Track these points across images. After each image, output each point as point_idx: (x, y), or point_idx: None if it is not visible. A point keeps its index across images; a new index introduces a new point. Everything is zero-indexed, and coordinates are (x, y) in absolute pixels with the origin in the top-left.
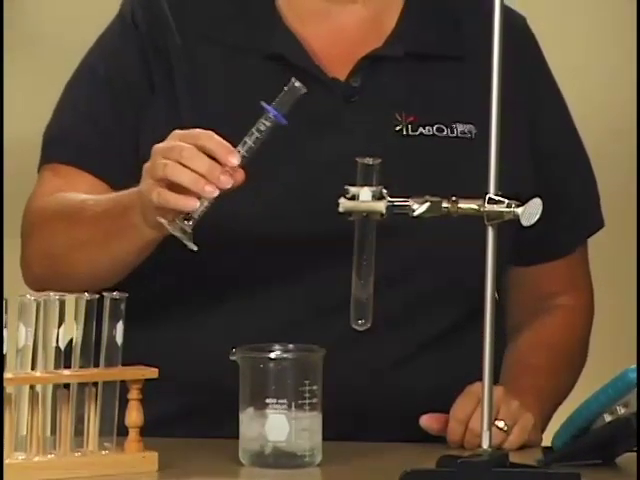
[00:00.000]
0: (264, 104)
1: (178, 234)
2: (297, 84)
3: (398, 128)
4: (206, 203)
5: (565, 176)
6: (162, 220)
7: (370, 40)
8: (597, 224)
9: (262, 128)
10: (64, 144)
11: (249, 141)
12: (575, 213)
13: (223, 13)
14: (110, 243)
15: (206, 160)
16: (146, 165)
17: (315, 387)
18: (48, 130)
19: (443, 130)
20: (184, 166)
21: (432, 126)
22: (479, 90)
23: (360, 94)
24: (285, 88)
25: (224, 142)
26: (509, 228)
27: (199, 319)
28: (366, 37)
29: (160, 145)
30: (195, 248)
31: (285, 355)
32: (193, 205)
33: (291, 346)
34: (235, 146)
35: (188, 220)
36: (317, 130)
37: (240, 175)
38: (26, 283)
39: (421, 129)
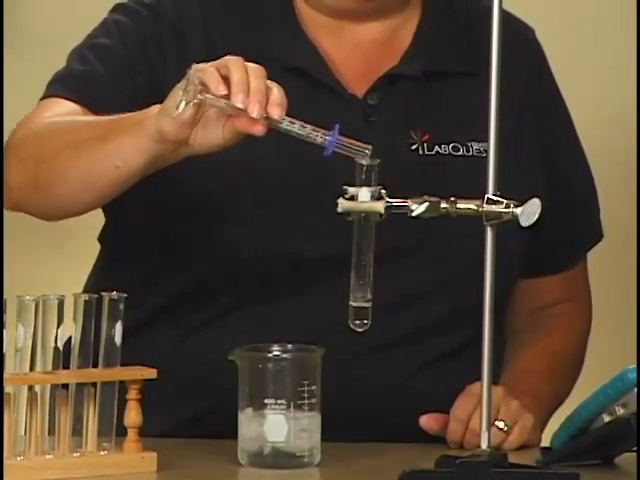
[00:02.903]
0: (337, 127)
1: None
2: (367, 151)
3: (414, 147)
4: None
5: (567, 193)
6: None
7: (387, 57)
8: (597, 237)
9: (310, 135)
10: (66, 81)
11: (294, 128)
12: (577, 228)
13: (248, 19)
14: (108, 142)
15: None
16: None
17: (314, 387)
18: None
19: (459, 149)
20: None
21: (448, 145)
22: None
23: (378, 112)
24: (358, 147)
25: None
26: (520, 243)
27: (201, 330)
28: (383, 54)
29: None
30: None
31: (284, 355)
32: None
33: (290, 346)
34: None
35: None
36: None
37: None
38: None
39: (437, 148)
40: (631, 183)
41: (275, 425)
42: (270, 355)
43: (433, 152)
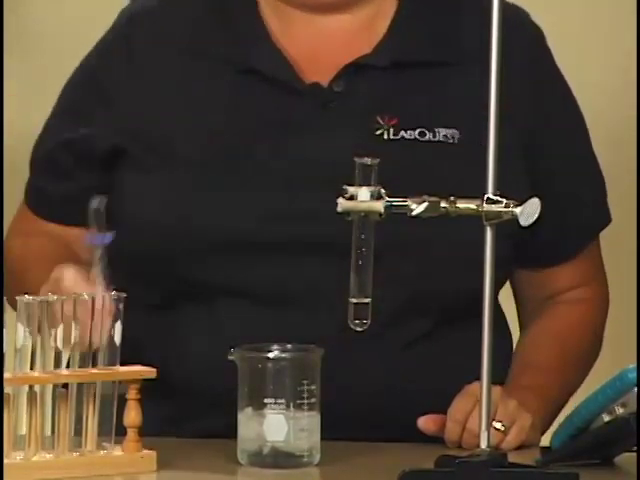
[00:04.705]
0: (90, 240)
1: None
2: (94, 205)
3: (379, 132)
4: None
5: (573, 179)
6: None
7: (360, 47)
8: (605, 221)
9: (98, 256)
10: (38, 199)
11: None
12: (584, 215)
13: (207, 26)
14: None
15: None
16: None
17: (313, 387)
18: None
19: (425, 134)
20: None
21: (414, 130)
22: (470, 94)
23: (340, 99)
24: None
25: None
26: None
27: (189, 324)
28: (355, 44)
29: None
30: None
31: (283, 355)
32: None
33: (289, 346)
34: None
35: None
36: (294, 136)
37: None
38: None
39: (402, 133)
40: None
41: (275, 425)
42: (270, 355)
43: (399, 137)
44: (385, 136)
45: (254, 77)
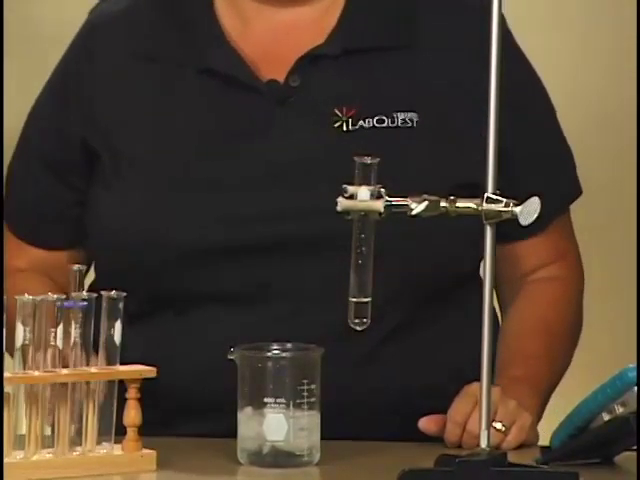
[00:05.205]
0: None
1: None
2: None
3: (337, 124)
4: None
5: (534, 147)
6: None
7: (314, 39)
8: (574, 192)
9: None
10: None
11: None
12: (553, 186)
13: (163, 29)
14: None
15: None
16: None
17: (313, 386)
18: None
19: (383, 121)
20: None
21: (372, 118)
22: (426, 77)
23: (297, 94)
24: None
25: None
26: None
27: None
28: (310, 36)
29: None
30: None
31: (283, 354)
32: None
33: (289, 345)
34: None
35: None
36: (254, 136)
37: None
38: None
39: (361, 122)
40: (631, 182)
41: (274, 424)
42: (270, 354)
43: (357, 127)
44: (344, 127)
45: (212, 78)
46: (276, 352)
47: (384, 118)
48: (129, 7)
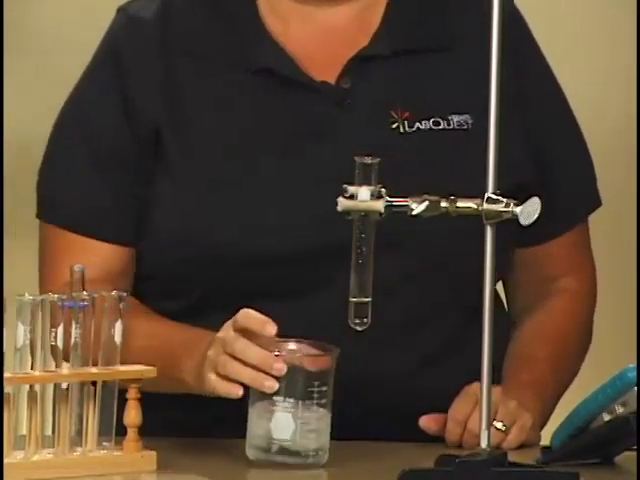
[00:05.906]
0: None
1: None
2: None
3: (394, 126)
4: None
5: (559, 155)
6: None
7: (357, 39)
8: (594, 202)
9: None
10: (69, 208)
11: None
12: (571, 192)
13: (206, 28)
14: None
15: (258, 351)
16: (208, 354)
17: (324, 388)
18: (44, 185)
19: (439, 123)
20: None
21: (428, 120)
22: (471, 78)
23: (351, 96)
24: None
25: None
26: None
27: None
28: (353, 36)
29: (218, 336)
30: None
31: (297, 354)
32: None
33: (306, 342)
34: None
35: None
36: (314, 138)
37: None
38: None
39: (417, 124)
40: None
41: (282, 423)
42: (282, 352)
43: (414, 129)
44: (401, 129)
45: (267, 78)
46: (290, 350)
47: (439, 120)
48: (166, 4)
